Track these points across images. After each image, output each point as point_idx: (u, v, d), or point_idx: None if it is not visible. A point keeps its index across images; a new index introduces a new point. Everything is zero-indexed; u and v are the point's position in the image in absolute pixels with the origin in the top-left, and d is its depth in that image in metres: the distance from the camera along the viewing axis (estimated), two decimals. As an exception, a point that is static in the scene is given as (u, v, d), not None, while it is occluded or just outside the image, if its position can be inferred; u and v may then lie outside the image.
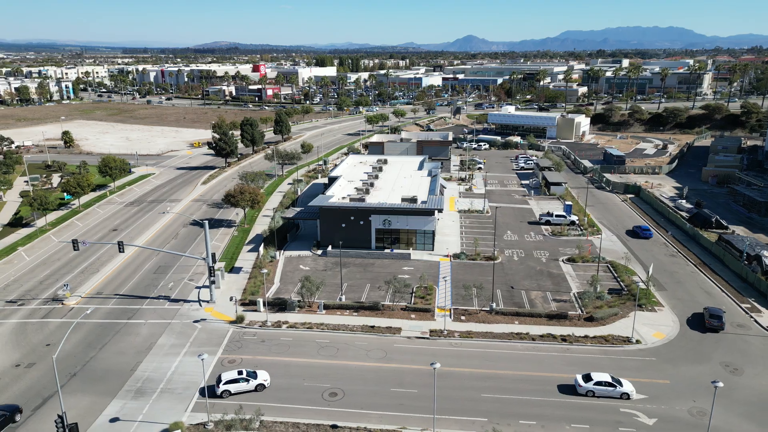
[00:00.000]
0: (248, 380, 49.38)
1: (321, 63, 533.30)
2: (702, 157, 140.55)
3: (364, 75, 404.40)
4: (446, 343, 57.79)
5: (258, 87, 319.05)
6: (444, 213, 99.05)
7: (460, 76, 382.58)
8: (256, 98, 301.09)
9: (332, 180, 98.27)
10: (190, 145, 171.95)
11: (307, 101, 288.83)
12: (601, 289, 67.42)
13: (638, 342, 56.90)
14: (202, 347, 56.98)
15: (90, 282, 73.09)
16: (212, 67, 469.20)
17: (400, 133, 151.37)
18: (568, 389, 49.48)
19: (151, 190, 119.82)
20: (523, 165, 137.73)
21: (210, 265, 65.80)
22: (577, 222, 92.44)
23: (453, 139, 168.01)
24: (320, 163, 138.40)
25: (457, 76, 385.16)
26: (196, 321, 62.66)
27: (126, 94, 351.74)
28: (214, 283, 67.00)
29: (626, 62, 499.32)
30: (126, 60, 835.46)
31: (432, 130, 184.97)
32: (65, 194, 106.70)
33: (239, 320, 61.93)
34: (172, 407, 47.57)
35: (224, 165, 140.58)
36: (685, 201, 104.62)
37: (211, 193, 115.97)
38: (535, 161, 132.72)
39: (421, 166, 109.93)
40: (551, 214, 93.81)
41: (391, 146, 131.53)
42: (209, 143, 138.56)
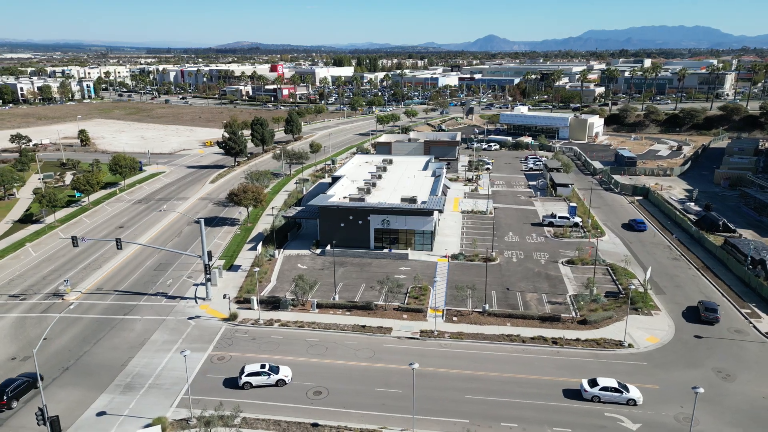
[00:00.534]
0: (269, 374, 49.92)
1: (338, 63, 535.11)
2: (717, 159, 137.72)
3: (380, 75, 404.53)
4: (436, 343, 57.63)
5: (274, 87, 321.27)
6: (447, 213, 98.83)
7: (477, 76, 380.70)
8: (272, 98, 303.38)
9: (335, 179, 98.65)
10: (203, 144, 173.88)
11: (322, 101, 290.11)
12: (597, 292, 66.57)
13: (630, 346, 56.10)
14: (193, 344, 57.70)
15: (91, 278, 74.46)
16: (231, 67, 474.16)
17: (408, 133, 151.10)
18: (553, 391, 49.01)
19: (160, 189, 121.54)
20: (532, 166, 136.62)
21: (206, 262, 66.58)
22: (580, 224, 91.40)
23: (463, 139, 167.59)
24: (328, 162, 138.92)
25: (473, 76, 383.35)
26: (190, 318, 63.45)
27: (145, 93, 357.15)
28: (209, 280, 67.74)
29: (648, 62, 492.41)
30: (149, 60, 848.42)
31: (443, 131, 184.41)
32: (75, 192, 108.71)
33: (232, 318, 62.55)
34: (159, 402, 48.28)
35: (233, 164, 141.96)
36: (693, 204, 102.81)
37: (218, 192, 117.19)
38: (544, 162, 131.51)
39: (426, 166, 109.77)
40: (554, 216, 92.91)
41: (398, 146, 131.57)
42: (218, 142, 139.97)
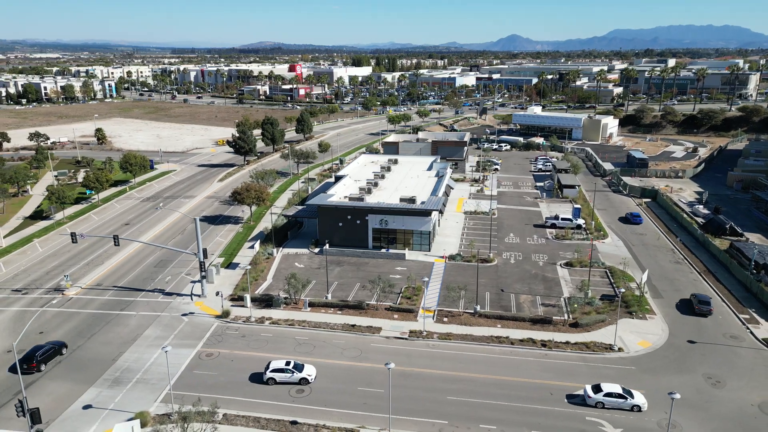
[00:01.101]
0: (293, 372, 50.20)
1: (357, 63, 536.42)
2: (733, 161, 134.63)
3: (397, 75, 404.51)
4: (424, 344, 57.52)
5: (290, 87, 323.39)
6: (449, 214, 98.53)
7: (496, 76, 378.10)
8: (289, 98, 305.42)
9: (338, 179, 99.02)
10: (215, 143, 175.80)
11: (338, 101, 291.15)
12: (593, 295, 65.79)
13: (620, 350, 55.29)
14: (184, 340, 58.52)
15: (93, 273, 75.93)
16: (251, 66, 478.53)
17: (418, 133, 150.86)
18: (536, 394, 48.55)
19: (170, 186, 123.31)
20: (541, 167, 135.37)
21: (201, 260, 67.39)
22: (583, 226, 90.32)
23: (473, 139, 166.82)
24: (336, 162, 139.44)
25: (491, 76, 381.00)
26: (184, 314, 64.28)
27: (165, 93, 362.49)
28: (205, 278, 68.56)
29: (672, 62, 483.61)
30: (172, 60, 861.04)
31: (455, 131, 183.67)
32: (86, 189, 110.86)
33: (225, 315, 63.21)
34: (144, 397, 49.05)
35: (243, 163, 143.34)
36: (702, 206, 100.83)
37: (225, 191, 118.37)
38: (553, 163, 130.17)
39: (431, 166, 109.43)
40: (557, 217, 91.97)
41: (406, 146, 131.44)
42: (228, 141, 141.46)
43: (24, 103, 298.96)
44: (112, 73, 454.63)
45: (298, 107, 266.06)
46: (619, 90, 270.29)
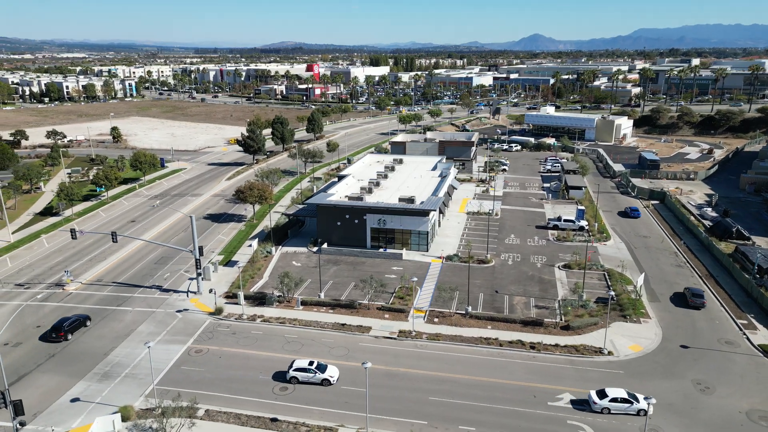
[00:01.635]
0: (315, 372, 49.87)
1: (375, 62, 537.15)
2: (749, 163, 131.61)
3: (413, 75, 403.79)
4: (412, 344, 57.43)
5: (306, 86, 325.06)
6: (451, 214, 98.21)
7: (514, 76, 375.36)
8: (304, 97, 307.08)
9: (341, 178, 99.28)
10: (228, 141, 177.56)
11: (353, 100, 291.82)
12: (588, 298, 65.01)
13: (610, 353, 54.54)
14: (176, 336, 59.29)
15: (94, 269, 77.33)
16: (269, 66, 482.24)
17: (426, 132, 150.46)
18: (519, 396, 48.14)
19: (178, 185, 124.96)
20: (550, 168, 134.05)
21: (196, 257, 68.17)
22: (586, 227, 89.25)
23: (484, 139, 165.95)
24: (344, 162, 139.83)
25: (509, 75, 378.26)
26: (178, 311, 65.09)
27: (184, 92, 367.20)
28: (200, 275, 69.36)
29: (696, 62, 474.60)
30: (194, 59, 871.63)
31: (467, 130, 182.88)
32: (97, 186, 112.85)
33: (218, 312, 63.87)
34: (130, 391, 49.81)
35: (252, 162, 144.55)
36: (710, 209, 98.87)
37: (232, 189, 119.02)
38: (562, 164, 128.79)
39: (436, 166, 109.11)
40: (560, 219, 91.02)
41: (413, 146, 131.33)
42: (238, 140, 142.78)
43: (46, 102, 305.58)
44: (133, 72, 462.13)
45: (313, 107, 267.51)
46: (637, 90, 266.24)
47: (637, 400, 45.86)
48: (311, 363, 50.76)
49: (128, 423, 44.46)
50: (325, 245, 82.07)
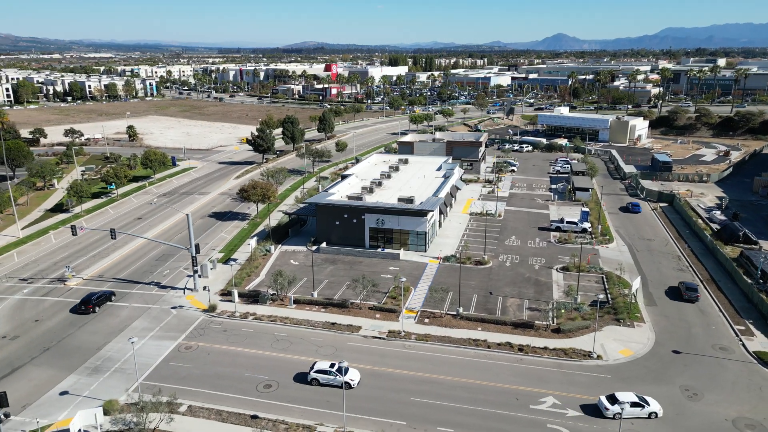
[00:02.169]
0: (336, 375, 49.27)
1: (394, 62, 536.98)
2: (766, 166, 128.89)
3: (431, 74, 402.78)
4: (400, 344, 57.37)
5: (322, 86, 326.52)
6: (454, 215, 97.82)
7: (533, 76, 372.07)
8: (321, 97, 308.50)
9: (344, 177, 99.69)
10: (240, 140, 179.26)
11: (368, 100, 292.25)
12: (582, 300, 64.18)
13: (599, 357, 53.80)
14: (168, 332, 60.11)
15: (97, 265, 78.83)
16: (289, 66, 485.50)
17: (435, 132, 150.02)
18: (501, 399, 47.75)
19: (187, 183, 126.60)
20: (560, 169, 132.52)
21: (193, 255, 69.06)
22: (589, 229, 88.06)
23: (494, 140, 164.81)
24: (353, 161, 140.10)
25: (528, 75, 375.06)
26: (174, 307, 65.98)
27: (203, 91, 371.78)
28: (197, 272, 70.21)
29: (722, 62, 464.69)
30: (217, 59, 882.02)
31: (479, 131, 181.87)
32: (107, 184, 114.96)
33: (211, 309, 64.57)
34: (117, 386, 50.65)
35: (262, 161, 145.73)
36: (720, 212, 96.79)
37: (239, 188, 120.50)
38: (571, 165, 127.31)
39: (440, 167, 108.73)
40: (562, 220, 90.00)
41: (420, 146, 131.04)
42: (248, 140, 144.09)
43: (69, 101, 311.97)
44: (155, 72, 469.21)
45: (328, 106, 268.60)
46: (657, 90, 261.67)
47: (647, 403, 45.17)
48: (332, 365, 50.25)
49: (109, 417, 45.18)
50: (324, 244, 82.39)
